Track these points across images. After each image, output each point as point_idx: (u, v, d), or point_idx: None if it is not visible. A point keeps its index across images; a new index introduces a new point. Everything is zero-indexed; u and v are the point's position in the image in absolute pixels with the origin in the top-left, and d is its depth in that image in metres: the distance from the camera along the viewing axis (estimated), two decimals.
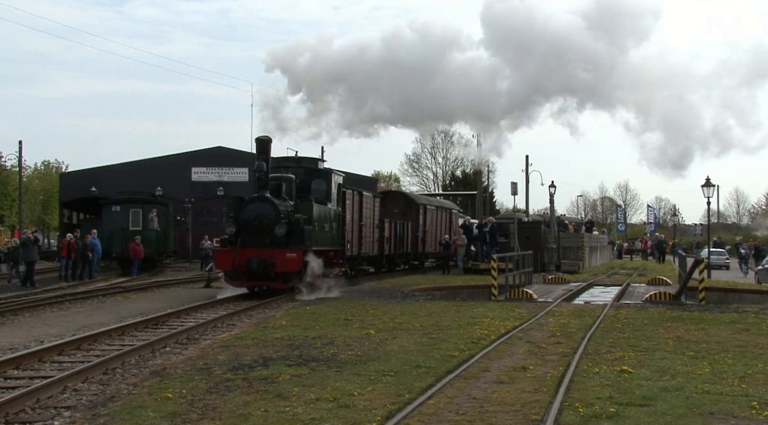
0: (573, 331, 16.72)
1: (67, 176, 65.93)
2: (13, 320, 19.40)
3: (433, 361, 12.65)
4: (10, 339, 16.11)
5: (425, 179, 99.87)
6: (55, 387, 10.89)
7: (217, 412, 9.32)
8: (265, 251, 24.56)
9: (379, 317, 18.76)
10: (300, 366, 12.25)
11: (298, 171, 28.45)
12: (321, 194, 28.58)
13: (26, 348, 14.60)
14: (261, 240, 24.85)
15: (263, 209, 25.06)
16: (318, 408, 9.41)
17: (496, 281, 26.08)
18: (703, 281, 25.25)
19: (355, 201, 32.75)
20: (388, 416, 8.95)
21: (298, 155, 30.85)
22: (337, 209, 29.98)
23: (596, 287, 33.24)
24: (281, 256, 24.51)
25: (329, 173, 29.67)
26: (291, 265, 24.76)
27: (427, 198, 51.59)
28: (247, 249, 24.66)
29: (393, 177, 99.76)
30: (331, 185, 29.42)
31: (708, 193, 39.61)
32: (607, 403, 9.73)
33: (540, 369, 12.14)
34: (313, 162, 30.38)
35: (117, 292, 27.46)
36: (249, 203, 25.46)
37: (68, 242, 33.34)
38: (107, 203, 43.34)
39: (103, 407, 9.83)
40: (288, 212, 25.46)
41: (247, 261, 24.49)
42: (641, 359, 13.20)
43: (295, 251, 24.84)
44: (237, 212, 25.49)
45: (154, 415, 9.21)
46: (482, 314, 19.53)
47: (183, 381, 11.13)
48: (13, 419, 9.51)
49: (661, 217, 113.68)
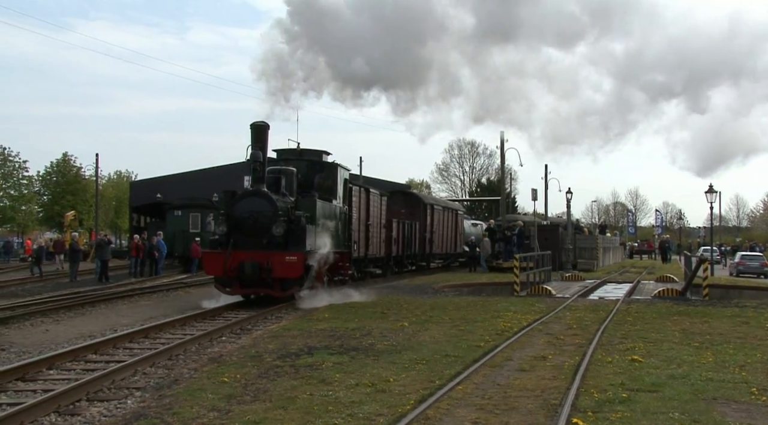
0: (588, 324, 16.58)
1: (135, 184, 66.55)
2: (91, 311, 19.72)
3: (461, 351, 12.58)
4: (89, 327, 16.39)
5: (453, 186, 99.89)
6: (128, 370, 11.00)
7: (267, 395, 9.32)
8: (261, 254, 19.68)
9: (411, 311, 18.70)
10: (341, 354, 12.24)
11: (300, 164, 23.41)
12: (325, 190, 23.46)
13: (102, 335, 14.80)
14: (256, 241, 19.97)
15: (258, 205, 20.10)
16: (357, 393, 9.39)
17: (518, 279, 25.95)
18: (707, 278, 25.02)
19: (362, 199, 27.40)
20: (420, 400, 8.91)
21: (300, 147, 24.84)
22: (343, 207, 24.76)
23: (609, 284, 32.98)
24: (279, 259, 19.64)
25: (335, 166, 24.42)
26: (291, 270, 19.80)
27: (434, 198, 47.66)
28: (240, 251, 19.76)
29: (424, 184, 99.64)
30: (336, 181, 24.16)
31: (711, 198, 39.71)
32: (620, 389, 9.62)
33: (558, 359, 12.03)
34: (317, 154, 24.73)
35: (179, 287, 27.70)
36: (242, 199, 20.41)
37: (137, 243, 33.69)
38: (170, 208, 43.62)
39: (168, 389, 9.88)
40: (287, 209, 20.61)
41: (239, 265, 19.56)
42: (650, 349, 13.05)
43: (296, 253, 19.88)
44: (228, 209, 20.46)
45: (212, 397, 9.24)
46: (505, 309, 19.42)
47: (237, 367, 11.16)
48: (93, 397, 9.62)
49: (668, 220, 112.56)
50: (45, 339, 14.93)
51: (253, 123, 20.47)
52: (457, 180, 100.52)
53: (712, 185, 39.42)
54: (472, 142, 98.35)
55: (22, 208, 75.62)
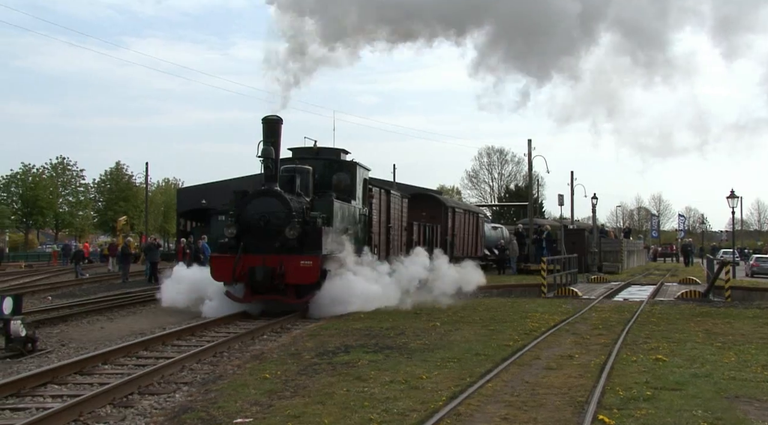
0: (613, 324, 16.42)
1: (182, 190, 67.09)
2: (142, 310, 19.99)
3: (490, 350, 12.53)
4: (140, 325, 16.63)
5: (483, 192, 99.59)
6: (176, 366, 11.11)
7: (306, 391, 9.35)
8: (273, 259, 17.53)
9: (443, 311, 18.66)
10: (376, 352, 12.24)
11: (317, 164, 21.26)
12: (343, 191, 21.14)
13: (152, 333, 14.99)
14: (268, 244, 17.83)
15: (271, 205, 18.02)
16: (392, 389, 9.38)
17: (545, 281, 25.81)
18: (729, 281, 24.70)
19: (382, 200, 24.95)
20: (452, 396, 8.88)
21: (317, 145, 22.53)
22: (363, 209, 22.47)
23: (633, 286, 32.62)
24: (293, 264, 17.49)
25: (354, 165, 22.01)
26: (306, 275, 17.63)
27: (455, 201, 44.54)
28: (251, 256, 17.65)
29: (455, 190, 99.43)
30: (355, 180, 21.75)
31: (733, 203, 39.19)
32: (644, 387, 9.51)
33: (584, 357, 11.93)
34: (335, 153, 22.52)
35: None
36: (253, 199, 18.29)
37: (183, 246, 34.00)
38: (214, 213, 43.83)
39: (213, 384, 9.96)
40: (302, 210, 18.46)
41: (250, 271, 17.50)
42: (674, 349, 12.89)
43: (311, 257, 17.71)
44: (239, 210, 18.35)
45: (255, 392, 9.29)
46: (533, 309, 19.30)
47: (278, 364, 11.22)
48: (144, 391, 9.72)
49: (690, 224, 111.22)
50: (100, 335, 15.15)
51: (265, 117, 18.44)
52: (487, 186, 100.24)
53: (733, 191, 38.97)
54: (501, 149, 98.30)
55: (80, 213, 77.11)
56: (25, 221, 75.43)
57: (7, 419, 8.32)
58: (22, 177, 74.31)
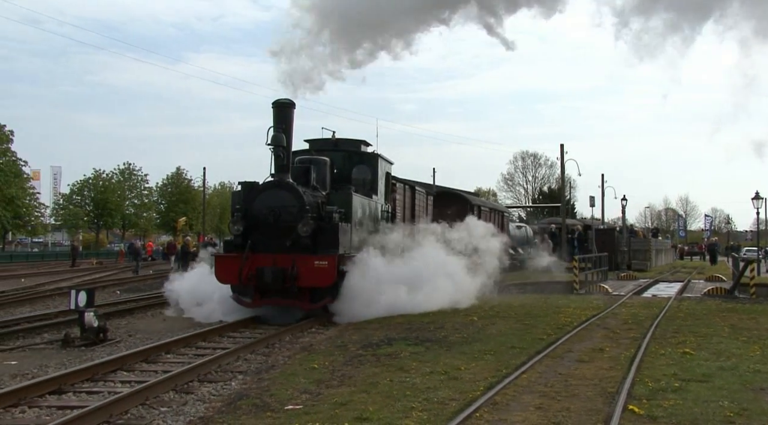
0: (642, 319, 16.18)
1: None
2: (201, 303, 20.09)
3: (525, 343, 12.43)
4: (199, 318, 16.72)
5: (518, 194, 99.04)
6: (231, 356, 11.22)
7: (352, 380, 9.38)
8: (284, 258, 14.95)
9: (480, 306, 18.55)
10: (417, 345, 12.21)
11: (336, 156, 18.47)
12: (364, 184, 18.30)
13: (210, 325, 15.08)
14: (278, 243, 15.21)
15: (282, 199, 15.37)
16: (432, 379, 9.36)
17: (577, 277, 25.55)
18: (754, 278, 24.21)
19: (406, 197, 22.37)
20: (489, 387, 8.83)
21: (335, 137, 19.51)
22: (386, 205, 19.55)
23: (661, 283, 32.17)
24: (307, 264, 14.95)
25: (375, 157, 18.99)
26: (320, 277, 14.99)
27: (480, 199, 40.13)
28: (260, 255, 15.16)
29: (491, 192, 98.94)
30: (377, 174, 18.77)
31: (757, 204, 38.65)
32: (672, 379, 9.35)
33: (615, 351, 11.78)
34: (355, 144, 19.49)
35: None
36: (262, 192, 15.65)
37: None
38: None
39: (266, 373, 10.04)
40: (318, 205, 15.84)
41: (258, 272, 14.99)
42: (701, 343, 12.65)
43: (327, 257, 15.11)
44: (246, 204, 15.81)
45: (304, 381, 9.34)
46: (566, 305, 19.10)
47: (325, 355, 11.25)
48: (203, 378, 9.83)
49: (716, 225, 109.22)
50: (163, 327, 15.36)
51: (276, 100, 15.70)
52: (521, 188, 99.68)
53: (758, 192, 38.47)
54: (535, 154, 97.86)
55: (144, 215, 78.48)
56: (96, 222, 77.14)
57: (83, 400, 8.50)
58: (94, 182, 76.03)
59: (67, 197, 76.67)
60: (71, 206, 75.64)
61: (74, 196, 76.55)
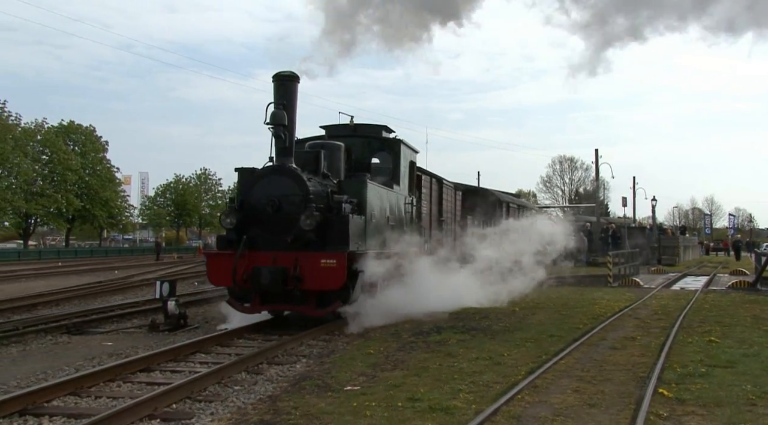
0: (671, 310, 15.82)
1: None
2: None
3: (563, 331, 12.26)
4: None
5: (555, 195, 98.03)
6: (296, 342, 11.24)
7: (405, 365, 9.36)
8: (286, 256, 11.64)
9: (522, 298, 18.36)
10: (464, 333, 12.13)
11: (354, 142, 14.94)
12: (384, 173, 15.03)
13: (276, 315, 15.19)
14: (279, 238, 11.90)
15: (282, 186, 11.99)
16: (478, 364, 9.30)
17: (611, 272, 25.10)
18: None
19: (433, 190, 18.96)
20: (530, 371, 8.74)
21: (353, 122, 15.94)
22: (409, 197, 15.80)
23: (689, 277, 31.35)
24: (312, 263, 11.57)
25: (397, 143, 15.16)
26: (328, 278, 11.58)
27: (509, 196, 35.96)
28: (257, 253, 11.85)
29: (531, 194, 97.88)
30: (399, 162, 15.06)
31: None
32: (699, 365, 9.13)
33: (645, 339, 11.54)
34: (375, 130, 15.70)
35: None
36: (260, 178, 12.21)
37: None
38: None
39: (326, 357, 10.08)
40: (326, 194, 12.43)
41: (254, 272, 11.68)
42: (725, 332, 12.31)
43: (335, 254, 11.64)
44: (243, 193, 12.53)
45: (361, 365, 9.36)
46: (600, 297, 18.79)
47: (380, 342, 11.25)
48: (271, 361, 9.86)
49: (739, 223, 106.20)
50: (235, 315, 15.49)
51: (277, 73, 12.21)
52: (559, 190, 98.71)
53: None
54: (572, 158, 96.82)
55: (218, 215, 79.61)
56: (177, 221, 78.86)
57: (168, 378, 8.68)
58: (175, 186, 77.79)
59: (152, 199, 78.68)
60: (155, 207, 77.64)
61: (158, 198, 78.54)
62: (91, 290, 21.15)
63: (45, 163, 62.35)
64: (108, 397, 7.65)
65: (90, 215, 65.71)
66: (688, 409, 6.99)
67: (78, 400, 7.57)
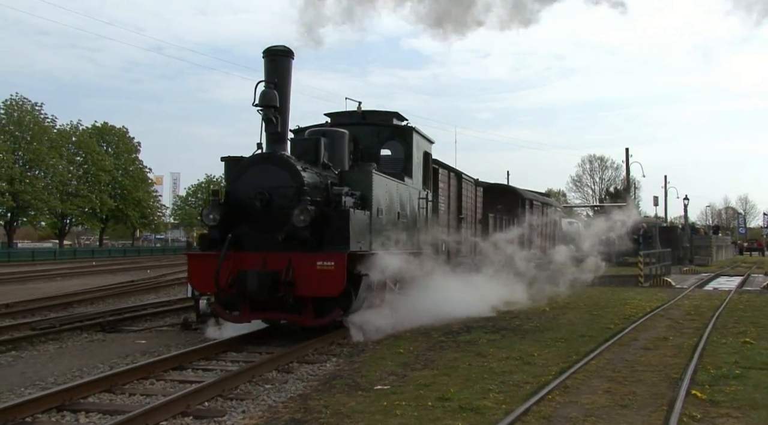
0: (704, 311, 15.59)
1: None
2: None
3: (594, 331, 12.15)
4: None
5: (586, 194, 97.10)
6: (326, 341, 11.18)
7: (434, 364, 9.35)
8: (277, 258, 10.09)
9: (552, 297, 18.23)
10: (494, 333, 12.09)
11: (362, 131, 13.34)
12: (394, 164, 13.35)
13: None
14: (269, 237, 10.33)
15: (272, 177, 10.39)
16: (508, 364, 9.25)
17: (642, 271, 24.80)
18: None
19: (451, 185, 16.99)
20: (560, 371, 8.67)
21: (361, 109, 14.04)
22: (423, 191, 14.10)
23: (722, 277, 30.87)
24: (306, 266, 10.03)
25: (409, 132, 13.50)
26: (325, 283, 10.03)
27: (533, 193, 33.23)
28: (244, 254, 10.31)
29: (561, 193, 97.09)
30: (411, 152, 13.42)
31: None
32: (733, 367, 8.97)
33: (678, 340, 11.38)
34: (385, 117, 14.02)
35: None
36: (246, 169, 10.62)
37: None
38: None
39: (357, 356, 10.10)
40: (325, 186, 10.79)
41: (239, 277, 10.13)
42: (760, 333, 12.09)
43: (334, 256, 10.06)
44: (229, 185, 10.89)
45: (391, 363, 9.36)
46: (632, 297, 18.59)
47: (410, 341, 11.24)
48: (302, 360, 9.87)
49: None
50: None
51: (268, 48, 10.61)
52: (589, 189, 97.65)
53: None
54: (602, 157, 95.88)
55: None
56: None
57: (200, 376, 8.76)
58: (206, 186, 78.55)
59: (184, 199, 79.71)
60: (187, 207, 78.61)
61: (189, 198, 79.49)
62: (124, 289, 21.49)
63: (80, 164, 63.63)
64: (141, 394, 7.75)
65: (123, 215, 66.90)
66: (722, 411, 6.88)
67: (113, 397, 7.68)
